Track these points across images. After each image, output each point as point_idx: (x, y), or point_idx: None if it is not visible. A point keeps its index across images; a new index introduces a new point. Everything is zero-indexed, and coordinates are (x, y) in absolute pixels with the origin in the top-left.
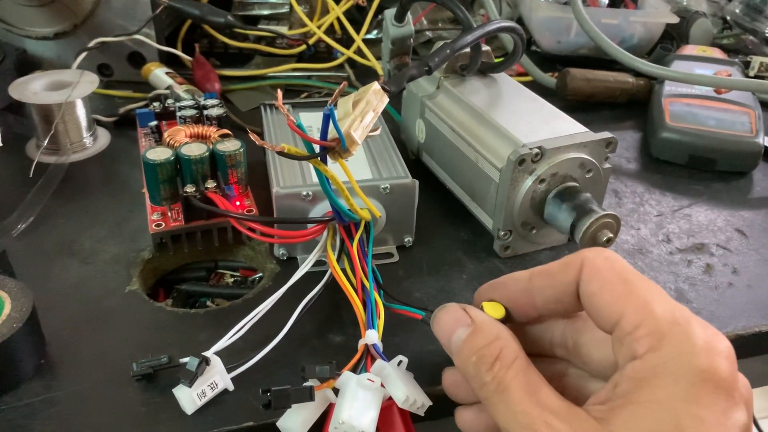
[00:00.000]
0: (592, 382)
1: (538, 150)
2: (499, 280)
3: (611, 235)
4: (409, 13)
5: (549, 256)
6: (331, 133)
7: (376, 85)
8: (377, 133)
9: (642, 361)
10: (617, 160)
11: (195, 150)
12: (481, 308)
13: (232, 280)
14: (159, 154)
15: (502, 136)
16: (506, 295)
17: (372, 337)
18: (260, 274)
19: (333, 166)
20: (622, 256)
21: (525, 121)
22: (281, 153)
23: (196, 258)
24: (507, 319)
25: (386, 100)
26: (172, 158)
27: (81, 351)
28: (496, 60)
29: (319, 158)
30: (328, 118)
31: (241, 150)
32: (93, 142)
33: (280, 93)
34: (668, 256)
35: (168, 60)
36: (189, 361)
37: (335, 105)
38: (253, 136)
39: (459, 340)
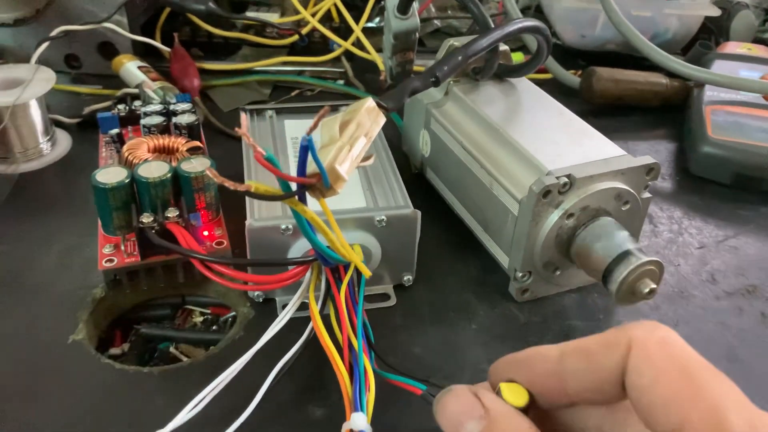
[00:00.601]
0: None
1: (566, 179)
2: (522, 355)
3: (653, 285)
4: (414, 3)
5: (575, 300)
6: (312, 166)
7: (369, 102)
8: (370, 162)
9: None
10: None
11: (155, 170)
12: (498, 391)
13: (201, 319)
14: (111, 175)
15: (523, 160)
16: (530, 377)
17: (358, 422)
18: (233, 313)
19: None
20: (661, 302)
21: (550, 140)
22: (248, 193)
23: (159, 294)
24: (530, 407)
25: (382, 120)
26: (127, 181)
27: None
28: (516, 60)
29: (296, 197)
30: (305, 150)
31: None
32: (51, 148)
33: (244, 118)
34: (714, 301)
35: (144, 51)
36: None
37: (322, 128)
38: (210, 172)
39: None
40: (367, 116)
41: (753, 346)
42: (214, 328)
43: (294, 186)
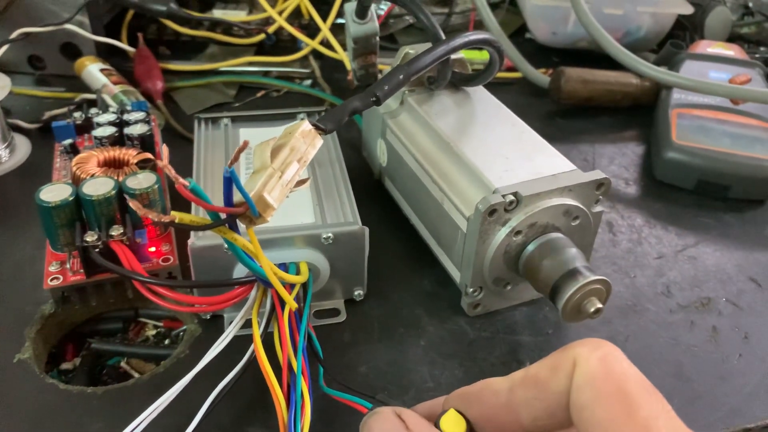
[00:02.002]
0: None
1: (512, 197)
2: (472, 390)
3: (599, 305)
4: (372, 8)
5: (526, 315)
6: (239, 195)
7: (305, 125)
8: (305, 186)
9: None
10: (615, 181)
11: (100, 187)
12: (439, 416)
13: (154, 332)
14: (56, 193)
15: (472, 176)
16: (482, 412)
17: None
18: (185, 327)
19: None
20: (614, 315)
21: (501, 155)
22: (173, 224)
23: (110, 307)
24: None
25: (319, 143)
26: (71, 198)
27: None
28: (481, 58)
29: (226, 226)
30: (229, 181)
31: (156, 186)
32: (9, 155)
33: (165, 150)
34: (668, 315)
35: (109, 52)
36: None
37: (254, 152)
38: (133, 204)
39: None
40: (302, 140)
41: (701, 363)
42: (166, 342)
43: (223, 215)
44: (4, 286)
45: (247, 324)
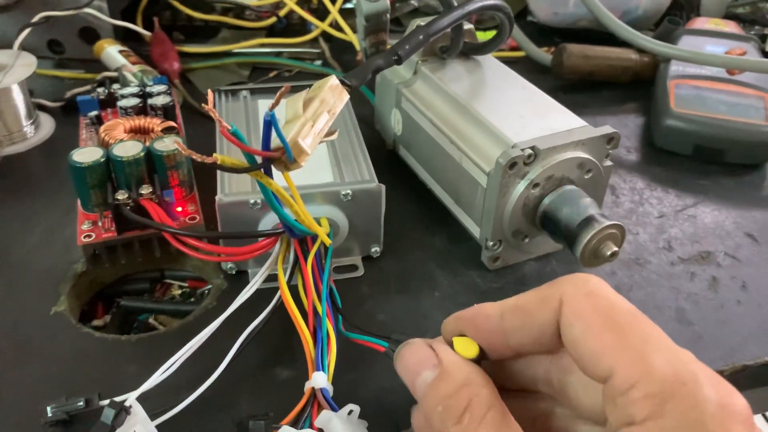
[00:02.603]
0: (582, 425)
1: (531, 151)
2: (466, 314)
3: (615, 248)
4: None
5: (535, 269)
6: (276, 140)
7: (333, 80)
8: (334, 137)
9: (641, 429)
10: (616, 150)
11: (129, 149)
12: (451, 344)
13: (179, 292)
14: (87, 155)
15: (490, 134)
16: (476, 334)
17: (319, 380)
18: (210, 286)
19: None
20: (618, 268)
21: (515, 114)
22: (215, 165)
23: (138, 268)
24: (482, 358)
25: (346, 97)
26: (103, 160)
27: None
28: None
29: (261, 170)
30: (268, 125)
31: None
32: (35, 131)
33: (210, 95)
34: (669, 267)
35: (125, 36)
36: (104, 411)
37: (286, 105)
38: (178, 144)
39: (424, 385)
40: (331, 93)
41: (701, 309)
42: (191, 300)
43: (259, 159)
44: (37, 249)
45: (271, 279)
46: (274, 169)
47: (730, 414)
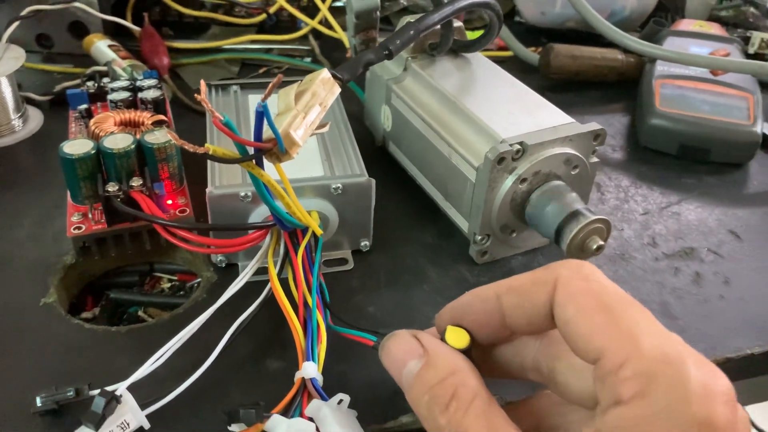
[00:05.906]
0: (571, 410)
1: (519, 146)
2: (462, 301)
3: (601, 242)
4: None
5: (522, 263)
6: (268, 131)
7: (325, 73)
8: (325, 129)
9: (628, 408)
10: (602, 148)
11: (120, 142)
12: (443, 334)
13: (168, 285)
14: (78, 147)
15: (479, 130)
16: (472, 318)
17: (309, 370)
18: (199, 280)
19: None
20: (603, 263)
21: (504, 110)
22: (207, 155)
23: (128, 261)
24: (472, 347)
25: (337, 90)
26: (93, 152)
27: None
28: (469, 36)
29: (253, 161)
30: (261, 116)
31: (172, 141)
32: (23, 124)
33: (203, 85)
34: (653, 262)
35: (115, 31)
36: (95, 400)
37: (278, 97)
38: (170, 134)
39: (410, 375)
40: (322, 86)
41: (685, 303)
42: (180, 293)
43: (251, 150)
44: (26, 241)
45: (261, 272)
46: (265, 162)
47: (714, 394)
